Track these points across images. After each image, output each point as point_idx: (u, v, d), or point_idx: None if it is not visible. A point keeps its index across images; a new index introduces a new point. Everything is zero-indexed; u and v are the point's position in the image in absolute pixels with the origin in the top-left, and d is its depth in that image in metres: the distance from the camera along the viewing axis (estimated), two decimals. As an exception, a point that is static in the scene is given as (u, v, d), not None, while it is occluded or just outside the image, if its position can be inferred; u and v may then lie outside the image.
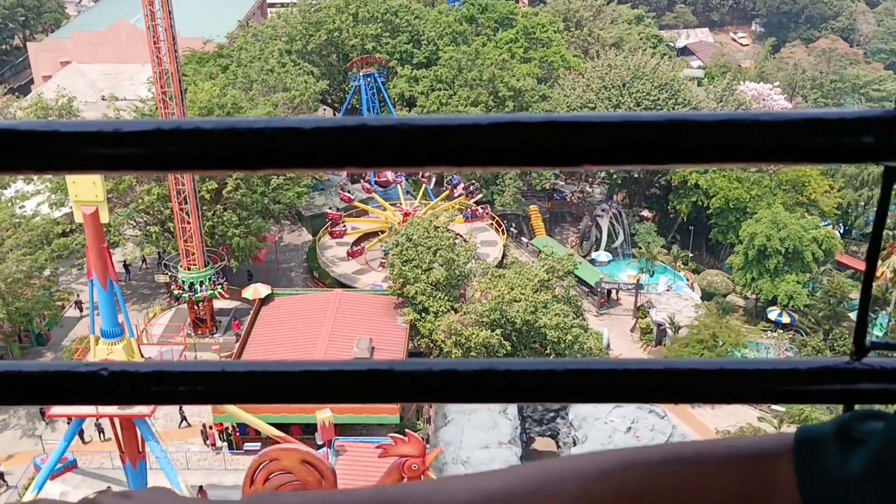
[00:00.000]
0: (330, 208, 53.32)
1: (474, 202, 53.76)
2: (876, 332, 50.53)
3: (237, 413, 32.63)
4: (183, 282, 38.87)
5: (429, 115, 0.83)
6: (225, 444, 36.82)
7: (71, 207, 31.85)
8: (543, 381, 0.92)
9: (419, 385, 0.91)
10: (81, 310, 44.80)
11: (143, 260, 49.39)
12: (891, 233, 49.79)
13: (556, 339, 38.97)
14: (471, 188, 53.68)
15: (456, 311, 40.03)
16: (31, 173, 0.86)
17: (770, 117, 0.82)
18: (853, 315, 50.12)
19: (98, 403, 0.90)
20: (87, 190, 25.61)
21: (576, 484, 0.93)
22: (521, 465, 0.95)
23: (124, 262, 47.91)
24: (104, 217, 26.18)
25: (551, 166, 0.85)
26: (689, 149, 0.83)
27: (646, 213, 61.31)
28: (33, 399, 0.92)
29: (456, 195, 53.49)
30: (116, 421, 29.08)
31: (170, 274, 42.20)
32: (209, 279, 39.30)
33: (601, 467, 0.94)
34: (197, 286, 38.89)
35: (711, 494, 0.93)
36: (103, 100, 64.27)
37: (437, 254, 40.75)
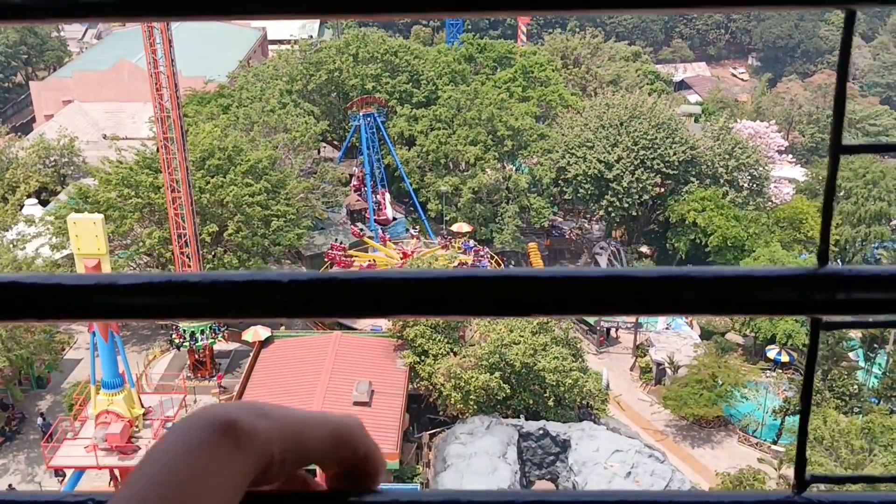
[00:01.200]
0: (336, 239, 53.79)
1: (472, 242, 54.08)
2: (875, 370, 50.65)
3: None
4: (184, 331, 39.06)
5: (393, 270, 0.93)
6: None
7: (72, 250, 32.11)
8: None
9: None
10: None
11: None
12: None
13: (555, 383, 39.04)
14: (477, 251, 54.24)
15: (455, 353, 40.12)
16: (34, 322, 0.94)
17: (702, 273, 0.91)
18: (853, 355, 50.20)
19: None
20: (89, 243, 25.84)
21: None
22: None
23: None
24: (106, 269, 26.37)
25: (504, 316, 0.93)
26: (631, 302, 0.91)
27: (644, 248, 61.62)
28: None
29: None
30: (117, 472, 29.12)
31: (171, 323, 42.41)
32: (210, 328, 39.50)
33: None
34: (198, 335, 39.08)
35: None
36: (105, 138, 64.73)
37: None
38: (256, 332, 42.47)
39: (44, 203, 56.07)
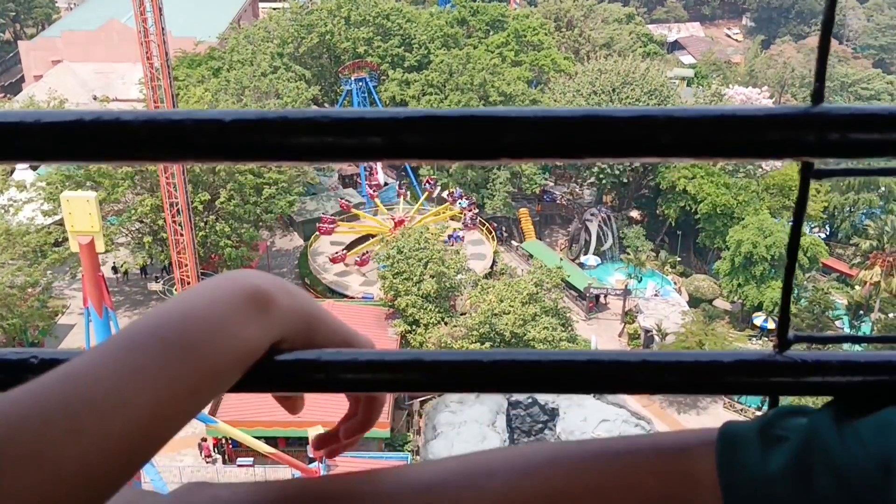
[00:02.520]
0: (332, 207, 53.91)
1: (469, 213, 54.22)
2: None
3: (225, 428, 33.20)
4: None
5: (344, 110, 0.88)
6: (219, 456, 37.40)
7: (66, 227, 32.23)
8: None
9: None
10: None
11: (143, 270, 49.80)
12: (874, 244, 50.58)
13: (544, 353, 39.54)
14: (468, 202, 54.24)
15: (446, 322, 40.60)
16: None
17: (682, 113, 0.86)
18: (839, 323, 50.90)
19: None
20: (83, 220, 26.02)
21: (503, 479, 0.94)
22: (456, 456, 0.98)
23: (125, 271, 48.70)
24: (100, 246, 26.59)
25: (468, 160, 0.89)
26: (603, 144, 0.86)
27: (635, 214, 61.89)
28: None
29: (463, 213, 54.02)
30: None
31: (164, 294, 42.71)
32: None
33: (528, 463, 0.95)
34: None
35: (633, 490, 0.93)
36: (95, 100, 64.38)
37: (428, 266, 41.28)
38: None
39: (35, 168, 55.96)
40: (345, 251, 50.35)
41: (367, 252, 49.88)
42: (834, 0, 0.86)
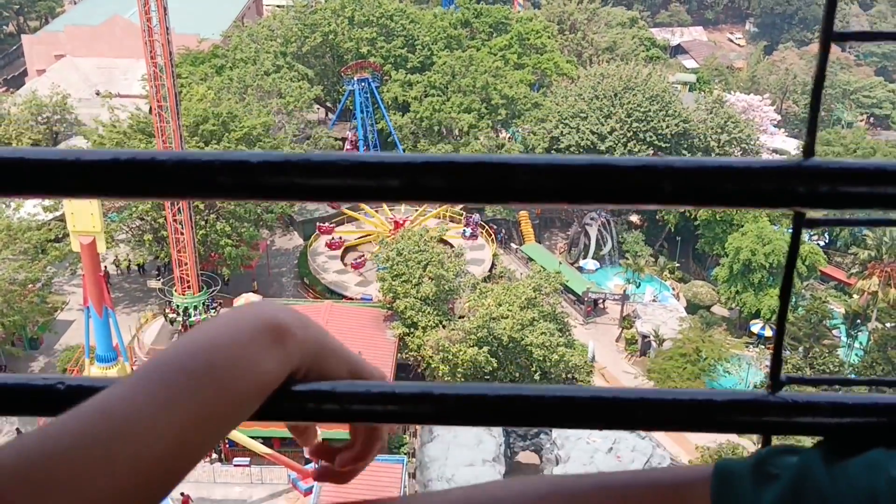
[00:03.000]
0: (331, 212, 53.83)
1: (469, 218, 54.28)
2: (856, 346, 51.45)
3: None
4: (177, 306, 39.44)
5: (363, 154, 0.94)
6: (216, 456, 37.48)
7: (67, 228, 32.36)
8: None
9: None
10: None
11: (140, 268, 49.91)
12: (872, 254, 50.68)
13: (541, 358, 39.69)
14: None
15: (444, 326, 40.66)
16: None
17: (683, 163, 0.91)
18: (836, 332, 50.97)
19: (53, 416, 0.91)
20: (84, 220, 26.14)
21: None
22: (460, 487, 1.02)
23: (128, 266, 48.96)
24: (101, 247, 26.72)
25: (480, 202, 0.94)
26: (607, 191, 0.91)
27: (634, 218, 61.99)
28: None
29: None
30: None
31: (163, 293, 42.81)
32: (203, 304, 39.87)
33: (529, 495, 0.99)
34: (191, 311, 39.47)
35: None
36: (98, 95, 64.42)
37: (427, 269, 41.36)
38: (248, 300, 42.93)
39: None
40: (363, 257, 49.99)
41: (363, 256, 49.84)
42: (826, 56, 0.88)
